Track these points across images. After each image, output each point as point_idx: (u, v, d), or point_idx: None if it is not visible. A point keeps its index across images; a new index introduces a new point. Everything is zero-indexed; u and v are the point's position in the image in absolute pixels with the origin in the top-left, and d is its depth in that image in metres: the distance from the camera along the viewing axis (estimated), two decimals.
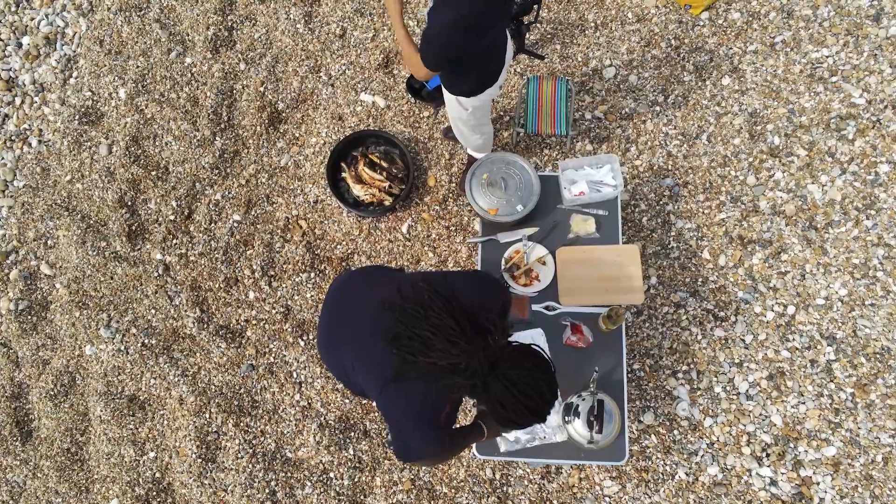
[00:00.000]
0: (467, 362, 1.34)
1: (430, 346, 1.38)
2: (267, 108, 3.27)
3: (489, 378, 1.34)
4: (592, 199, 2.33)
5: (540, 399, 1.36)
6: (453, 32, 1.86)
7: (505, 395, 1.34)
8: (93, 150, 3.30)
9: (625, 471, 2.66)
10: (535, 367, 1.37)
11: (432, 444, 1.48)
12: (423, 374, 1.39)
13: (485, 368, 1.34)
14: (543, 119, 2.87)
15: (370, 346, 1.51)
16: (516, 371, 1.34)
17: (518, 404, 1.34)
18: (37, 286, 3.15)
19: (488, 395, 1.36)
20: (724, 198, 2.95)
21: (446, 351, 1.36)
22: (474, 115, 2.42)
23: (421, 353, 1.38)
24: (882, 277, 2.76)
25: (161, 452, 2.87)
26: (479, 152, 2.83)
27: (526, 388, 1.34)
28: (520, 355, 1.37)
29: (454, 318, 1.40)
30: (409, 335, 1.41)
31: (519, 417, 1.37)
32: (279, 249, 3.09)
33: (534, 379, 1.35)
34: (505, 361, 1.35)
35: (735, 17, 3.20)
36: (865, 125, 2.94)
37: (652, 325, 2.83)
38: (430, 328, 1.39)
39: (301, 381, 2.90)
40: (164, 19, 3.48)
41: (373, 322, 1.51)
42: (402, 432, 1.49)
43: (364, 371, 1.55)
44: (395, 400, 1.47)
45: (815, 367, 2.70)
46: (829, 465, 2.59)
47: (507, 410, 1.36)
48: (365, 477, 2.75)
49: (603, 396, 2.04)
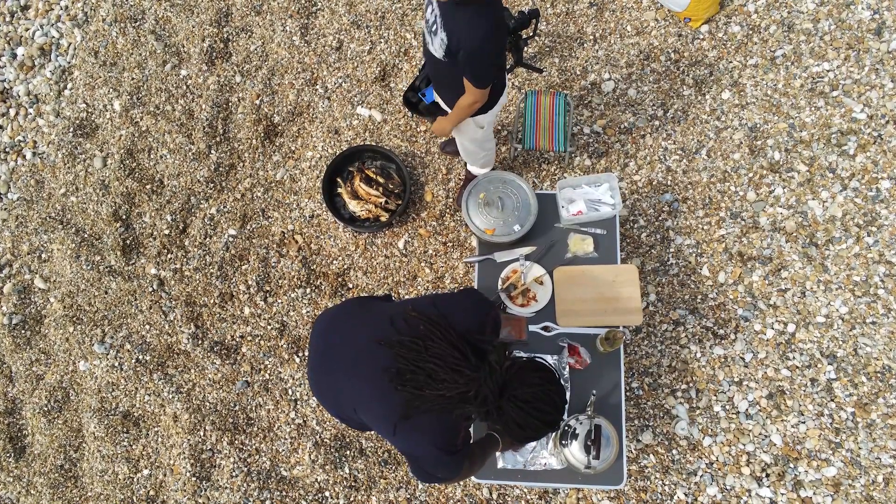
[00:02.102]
0: (476, 390, 1.33)
1: (435, 377, 1.36)
2: (263, 121, 3.24)
3: (501, 402, 1.33)
4: (590, 218, 2.30)
5: (554, 411, 1.37)
6: (497, 39, 1.90)
7: (521, 415, 1.33)
8: (87, 163, 3.27)
9: (623, 491, 2.64)
10: (543, 381, 1.37)
11: (453, 469, 1.48)
12: (434, 407, 1.37)
13: (495, 393, 1.33)
14: (541, 134, 2.84)
15: (375, 388, 1.47)
16: (526, 389, 1.34)
17: (535, 422, 1.34)
18: (30, 300, 3.13)
19: (504, 419, 1.35)
20: (724, 214, 2.92)
21: (453, 381, 1.35)
22: (486, 132, 2.42)
23: (427, 387, 1.36)
24: (883, 295, 2.73)
25: (155, 470, 2.85)
26: (483, 168, 2.81)
27: (540, 404, 1.34)
28: (526, 372, 1.36)
29: (454, 346, 1.38)
30: (412, 369, 1.39)
31: (537, 433, 1.38)
32: (275, 264, 3.06)
33: (545, 393, 1.35)
34: (513, 382, 1.34)
35: (735, 31, 3.17)
36: (867, 140, 2.92)
37: (651, 342, 2.80)
38: (432, 360, 1.37)
39: (296, 398, 2.87)
40: (159, 31, 3.45)
41: (370, 361, 1.48)
42: (423, 465, 1.48)
43: (371, 413, 1.51)
44: (410, 437, 1.44)
45: (815, 385, 2.68)
46: (829, 485, 2.56)
47: (524, 430, 1.36)
48: (360, 496, 2.72)
49: (600, 421, 2.01)
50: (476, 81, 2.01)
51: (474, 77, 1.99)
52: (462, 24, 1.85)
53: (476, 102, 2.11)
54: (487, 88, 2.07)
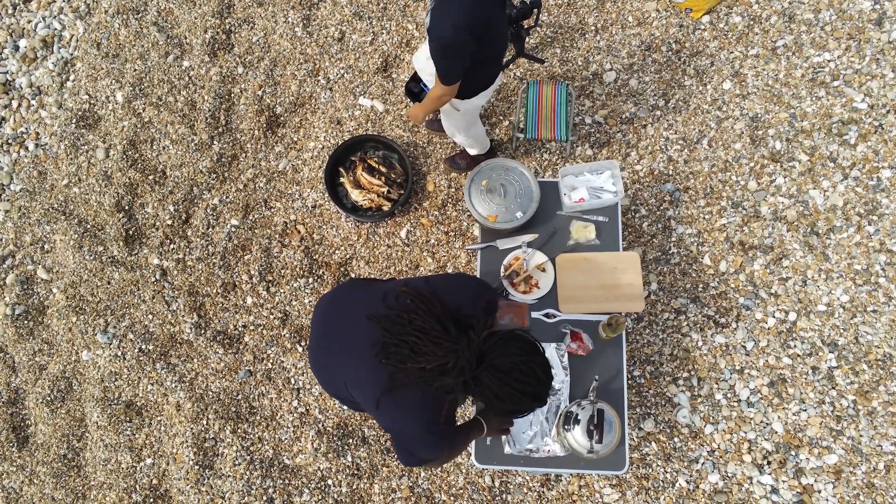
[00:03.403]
0: (454, 361, 1.33)
1: (416, 350, 1.37)
2: (265, 111, 3.25)
3: (478, 372, 1.32)
4: (592, 205, 2.31)
5: (535, 382, 1.35)
6: (459, 41, 1.84)
7: (498, 385, 1.32)
8: (90, 154, 3.28)
9: (625, 478, 2.64)
10: (522, 352, 1.35)
11: (434, 448, 1.47)
12: (416, 380, 1.38)
13: (472, 363, 1.32)
14: (543, 124, 2.85)
15: (362, 362, 1.49)
16: (504, 359, 1.32)
17: (513, 392, 1.33)
18: (33, 291, 3.13)
19: (482, 390, 1.34)
20: (725, 203, 2.93)
21: (433, 353, 1.35)
22: (464, 118, 2.40)
23: (409, 360, 1.37)
24: (884, 284, 2.74)
25: (158, 459, 2.85)
26: (473, 150, 2.81)
27: (518, 374, 1.32)
28: (505, 343, 1.35)
29: (437, 320, 1.39)
30: (396, 343, 1.40)
31: (517, 405, 1.36)
32: (277, 254, 3.07)
33: (524, 363, 1.34)
34: (491, 353, 1.33)
35: (736, 21, 3.18)
36: (867, 130, 2.92)
37: (652, 331, 2.81)
38: (414, 333, 1.38)
39: (299, 387, 2.88)
40: (161, 22, 3.46)
41: (361, 337, 1.50)
42: (404, 441, 1.48)
43: (358, 387, 1.53)
44: (391, 410, 1.45)
45: (816, 374, 2.68)
46: (830, 472, 2.57)
47: (503, 401, 1.34)
48: (363, 484, 2.73)
49: (603, 405, 2.02)
50: (441, 76, 1.97)
51: (439, 70, 1.96)
52: (438, 10, 1.82)
53: (444, 96, 2.08)
54: (454, 85, 2.02)
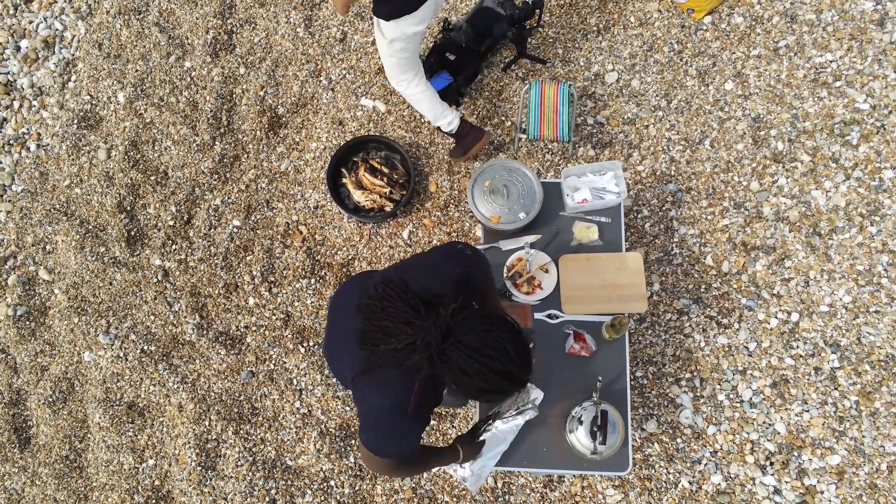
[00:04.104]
0: (423, 337, 1.32)
1: (388, 332, 1.38)
2: (267, 112, 3.25)
3: (445, 347, 1.29)
4: (595, 206, 2.31)
5: (505, 359, 1.31)
6: None
7: (465, 361, 1.29)
8: (91, 155, 3.28)
9: (628, 479, 2.64)
10: (492, 327, 1.32)
11: (400, 436, 1.46)
12: (388, 361, 1.38)
13: (438, 339, 1.30)
14: (545, 124, 2.85)
15: (346, 349, 1.54)
16: (472, 335, 1.29)
17: (482, 369, 1.29)
18: (35, 292, 3.13)
19: (450, 367, 1.31)
20: (728, 204, 2.93)
21: (403, 332, 1.35)
22: (395, 55, 2.38)
23: (382, 342, 1.38)
24: (887, 284, 2.74)
25: (160, 460, 2.85)
26: (440, 122, 2.76)
27: (487, 350, 1.29)
28: (475, 319, 1.32)
29: (407, 303, 1.39)
30: (371, 328, 1.42)
31: (488, 383, 1.32)
32: (279, 255, 3.06)
33: (493, 339, 1.30)
34: (460, 328, 1.30)
35: (738, 22, 3.18)
36: (869, 130, 2.92)
37: (655, 332, 2.81)
38: (386, 318, 1.39)
39: (301, 388, 2.88)
40: (163, 23, 3.46)
41: (351, 326, 1.53)
42: (371, 423, 1.48)
43: (344, 375, 1.58)
44: (362, 390, 1.48)
45: (819, 374, 2.68)
46: (833, 473, 2.57)
47: (472, 378, 1.30)
48: (366, 485, 2.73)
49: (606, 407, 2.02)
50: None
51: None
52: None
53: None
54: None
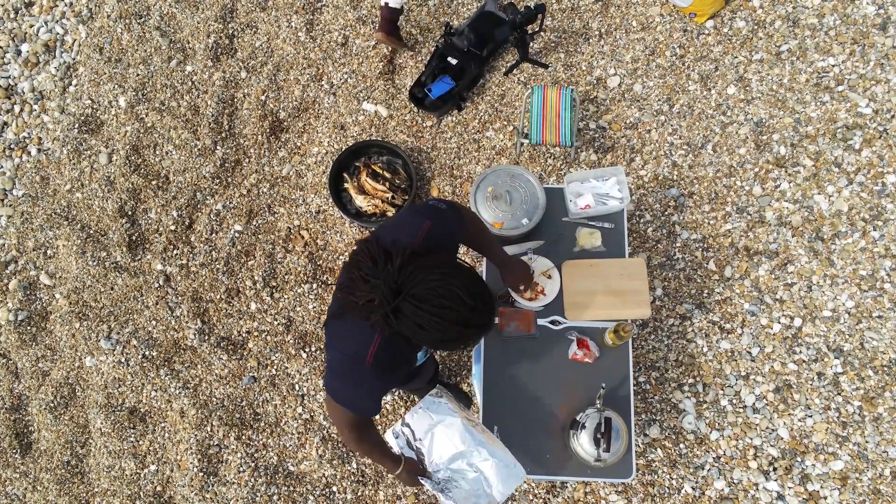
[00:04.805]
0: (377, 296, 1.29)
1: (350, 286, 1.36)
2: (268, 116, 3.24)
3: (398, 303, 1.27)
4: (598, 212, 2.30)
5: (459, 305, 1.28)
6: None
7: (418, 314, 1.26)
8: (92, 159, 3.27)
9: (631, 485, 2.64)
10: (443, 276, 1.28)
11: (354, 384, 1.48)
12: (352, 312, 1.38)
13: (388, 295, 1.27)
14: (548, 129, 2.84)
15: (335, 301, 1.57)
16: (422, 287, 1.27)
17: (435, 319, 1.27)
18: (36, 296, 3.12)
19: (406, 323, 1.29)
20: (730, 208, 2.93)
21: (361, 288, 1.33)
22: None
23: (349, 293, 1.37)
24: (889, 289, 2.74)
25: (162, 466, 2.85)
26: None
27: (437, 299, 1.26)
28: (425, 270, 1.29)
29: (370, 256, 1.35)
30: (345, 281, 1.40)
31: (443, 333, 1.29)
32: (281, 260, 3.06)
33: (443, 287, 1.27)
34: (409, 282, 1.28)
35: (740, 26, 3.18)
36: (872, 135, 2.92)
37: (657, 337, 2.80)
38: (352, 270, 1.37)
39: (303, 393, 2.87)
40: (164, 27, 3.45)
41: None
42: (334, 366, 1.50)
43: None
44: (331, 333, 1.51)
45: (822, 379, 2.68)
46: (836, 479, 2.57)
47: (427, 330, 1.28)
48: (368, 491, 2.72)
49: (610, 414, 2.02)
50: None
51: None
52: None
53: None
54: None
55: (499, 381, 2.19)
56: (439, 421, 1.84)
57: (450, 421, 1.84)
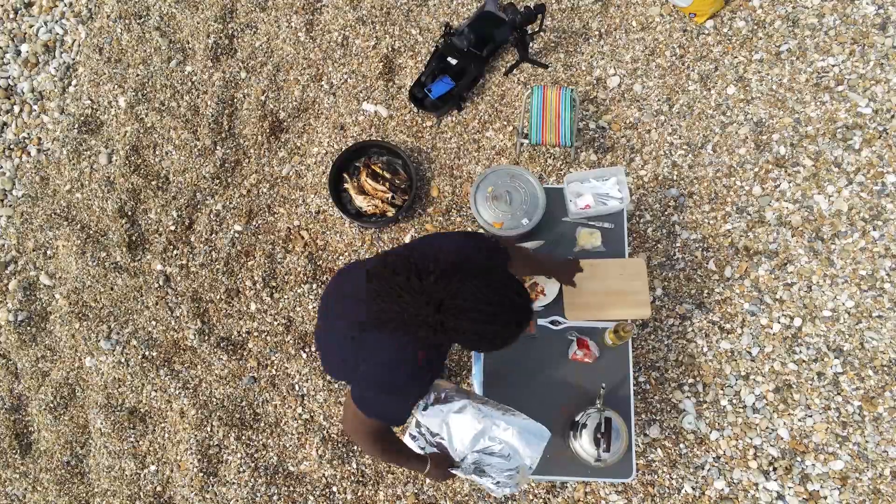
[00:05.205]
0: (417, 314, 1.31)
1: (389, 298, 1.37)
2: (268, 117, 3.24)
3: (441, 318, 1.29)
4: (598, 212, 2.31)
5: (500, 308, 1.31)
6: None
7: (465, 326, 1.29)
8: (92, 160, 3.27)
9: (631, 485, 2.64)
10: (478, 285, 1.31)
11: (397, 392, 1.48)
12: (390, 323, 1.38)
13: (431, 312, 1.30)
14: (548, 129, 2.85)
15: (351, 311, 1.55)
16: (460, 299, 1.29)
17: (483, 328, 1.30)
18: (36, 297, 3.12)
19: (453, 336, 1.32)
20: (730, 208, 2.93)
21: (404, 302, 1.34)
22: None
23: (389, 302, 1.37)
24: (889, 289, 2.74)
25: (162, 466, 2.85)
26: None
27: (480, 307, 1.29)
28: (457, 281, 1.31)
29: (407, 269, 1.37)
30: (382, 287, 1.40)
31: (493, 336, 1.33)
32: (281, 260, 3.06)
33: (481, 295, 1.29)
34: (447, 294, 1.30)
35: (740, 26, 3.18)
36: (872, 135, 2.92)
37: (657, 337, 2.80)
38: (389, 283, 1.39)
39: (303, 393, 2.87)
40: (164, 27, 3.45)
41: (355, 294, 1.53)
42: (370, 374, 1.49)
43: (348, 330, 1.56)
44: (370, 342, 1.49)
45: (822, 379, 2.68)
46: (836, 479, 2.57)
47: (479, 338, 1.32)
48: (368, 491, 2.72)
49: (610, 413, 2.02)
50: None
51: None
52: None
53: None
54: None
55: (498, 382, 2.19)
56: (449, 410, 1.82)
57: (459, 405, 1.82)
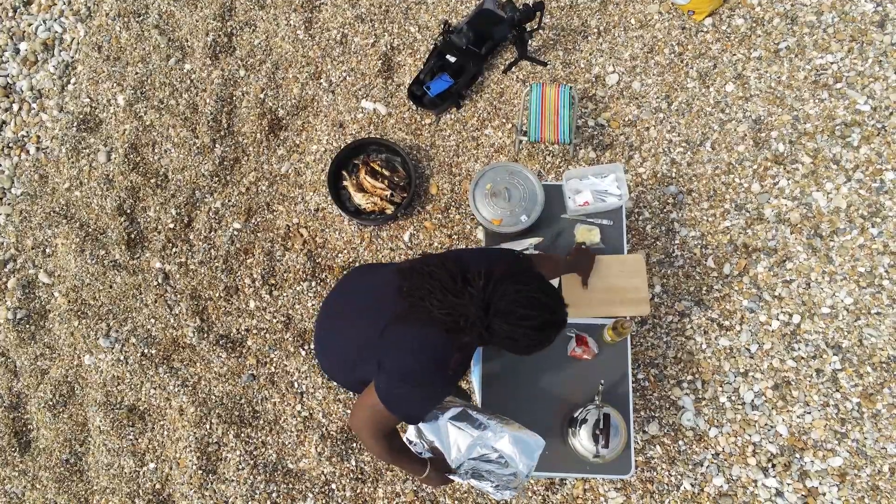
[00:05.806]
0: (465, 317, 1.37)
1: (431, 294, 1.42)
2: (267, 115, 3.24)
3: (488, 321, 1.36)
4: (597, 208, 2.31)
5: (543, 313, 1.37)
6: None
7: (510, 329, 1.35)
8: (91, 158, 3.27)
9: (630, 482, 2.64)
10: (521, 288, 1.37)
11: (429, 389, 1.52)
12: (425, 318, 1.43)
13: (480, 315, 1.36)
14: (547, 126, 2.85)
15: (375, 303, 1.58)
16: (506, 302, 1.35)
17: (525, 332, 1.36)
18: (35, 295, 3.12)
19: (497, 339, 1.38)
20: (729, 205, 2.93)
21: (441, 301, 1.39)
22: None
23: (427, 299, 1.41)
24: (888, 286, 2.74)
25: (161, 463, 2.85)
26: None
27: (524, 311, 1.35)
28: (503, 285, 1.37)
29: (447, 271, 1.43)
30: (416, 285, 1.45)
31: (534, 340, 1.39)
32: (280, 258, 3.06)
33: (526, 299, 1.36)
34: (493, 298, 1.36)
35: (739, 24, 3.18)
36: (870, 132, 2.92)
37: (656, 334, 2.80)
38: (431, 285, 1.43)
39: (302, 391, 2.87)
40: (162, 25, 3.45)
41: (378, 292, 1.57)
42: (404, 372, 1.50)
43: (368, 329, 1.57)
44: (390, 342, 1.51)
45: (820, 376, 2.68)
46: (835, 475, 2.57)
47: (520, 341, 1.38)
48: (367, 488, 2.72)
49: (609, 410, 2.02)
50: None
51: None
52: None
53: None
54: None
55: (498, 379, 2.20)
56: (446, 417, 1.84)
57: (454, 413, 1.84)
